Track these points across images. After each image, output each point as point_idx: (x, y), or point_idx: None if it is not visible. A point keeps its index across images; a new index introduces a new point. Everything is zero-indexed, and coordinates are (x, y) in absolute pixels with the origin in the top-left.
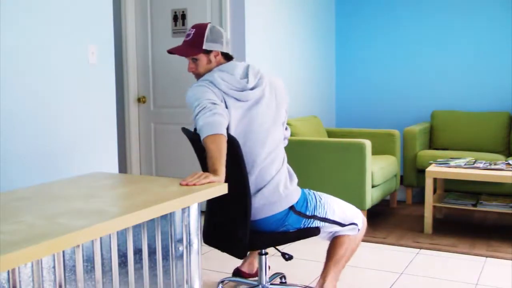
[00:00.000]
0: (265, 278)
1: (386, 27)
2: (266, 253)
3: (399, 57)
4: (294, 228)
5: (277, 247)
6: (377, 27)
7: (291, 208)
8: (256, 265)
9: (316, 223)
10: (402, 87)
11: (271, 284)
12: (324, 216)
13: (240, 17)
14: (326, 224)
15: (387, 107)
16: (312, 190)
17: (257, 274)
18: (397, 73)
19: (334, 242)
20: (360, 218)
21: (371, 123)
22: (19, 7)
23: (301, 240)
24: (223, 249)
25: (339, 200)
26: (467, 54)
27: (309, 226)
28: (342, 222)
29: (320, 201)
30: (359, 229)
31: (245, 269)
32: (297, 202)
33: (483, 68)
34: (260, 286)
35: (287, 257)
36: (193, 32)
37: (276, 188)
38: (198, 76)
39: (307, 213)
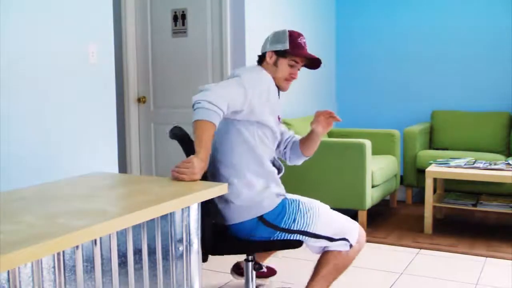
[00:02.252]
0: (251, 286)
1: (386, 28)
2: (252, 260)
3: (399, 57)
4: (263, 238)
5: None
6: (377, 28)
7: (260, 218)
8: (266, 256)
9: (295, 236)
10: (402, 87)
11: None
12: (303, 229)
13: (240, 17)
14: (308, 238)
15: (387, 107)
16: (300, 200)
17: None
18: (397, 73)
19: (321, 258)
20: (354, 233)
21: (371, 123)
22: (19, 7)
23: None
24: None
25: (334, 212)
26: (467, 54)
27: (284, 238)
28: (330, 236)
29: (305, 213)
30: (351, 245)
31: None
32: (269, 213)
33: (483, 68)
34: None
35: (256, 267)
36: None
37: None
38: (289, 86)
39: (281, 226)
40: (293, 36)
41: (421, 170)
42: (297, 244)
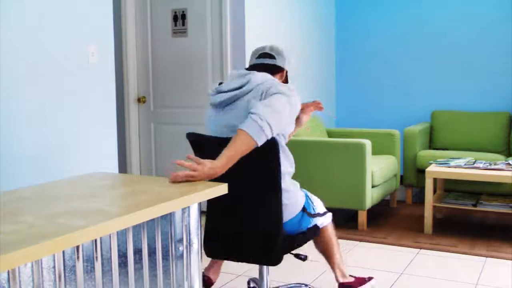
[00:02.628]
0: (266, 284)
1: (386, 28)
2: None
3: (399, 57)
4: (306, 228)
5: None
6: (377, 27)
7: (303, 209)
8: (219, 272)
9: (315, 221)
10: (402, 87)
11: None
12: (320, 212)
13: (240, 17)
14: (318, 218)
15: (387, 107)
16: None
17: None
18: (397, 73)
19: (324, 234)
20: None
21: (371, 123)
22: (19, 7)
23: None
24: (253, 260)
25: None
26: (467, 54)
27: (312, 225)
28: (321, 212)
29: (311, 196)
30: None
31: (213, 276)
32: (305, 203)
33: (483, 68)
34: None
35: (303, 257)
36: None
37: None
38: None
39: (312, 212)
40: None
41: (421, 170)
42: (317, 229)
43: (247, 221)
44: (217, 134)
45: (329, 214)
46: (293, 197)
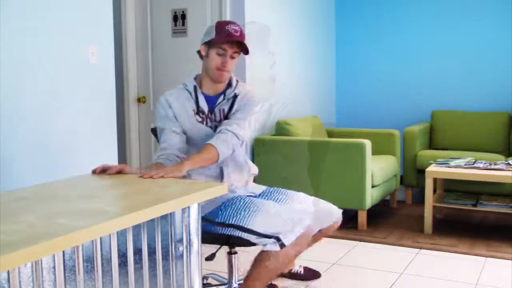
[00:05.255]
0: (234, 278)
1: (386, 27)
2: (235, 252)
3: (399, 57)
4: (206, 232)
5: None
6: (377, 27)
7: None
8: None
9: (232, 232)
10: (402, 87)
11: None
12: (240, 224)
13: (240, 17)
14: (246, 234)
15: (387, 107)
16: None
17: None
18: (397, 73)
19: (255, 258)
20: (295, 231)
21: (371, 123)
22: (19, 7)
23: None
24: None
25: (291, 207)
26: (467, 54)
27: (225, 233)
28: (262, 232)
29: (248, 209)
30: (283, 244)
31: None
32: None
33: (483, 68)
34: (228, 286)
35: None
36: (239, 29)
37: None
38: (225, 76)
39: (216, 220)
40: (220, 25)
41: (421, 170)
42: (242, 241)
43: None
44: None
45: (272, 241)
46: None
